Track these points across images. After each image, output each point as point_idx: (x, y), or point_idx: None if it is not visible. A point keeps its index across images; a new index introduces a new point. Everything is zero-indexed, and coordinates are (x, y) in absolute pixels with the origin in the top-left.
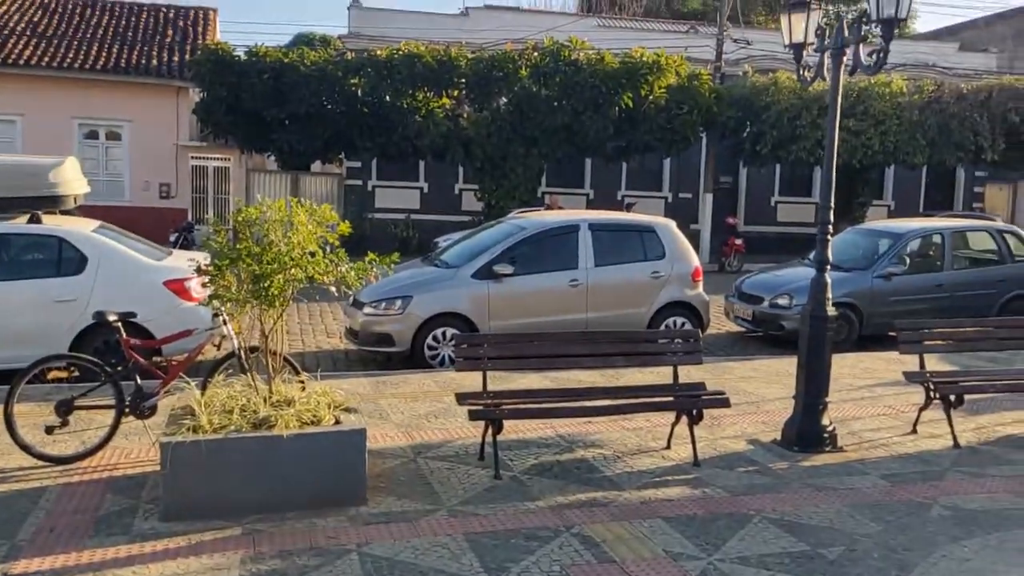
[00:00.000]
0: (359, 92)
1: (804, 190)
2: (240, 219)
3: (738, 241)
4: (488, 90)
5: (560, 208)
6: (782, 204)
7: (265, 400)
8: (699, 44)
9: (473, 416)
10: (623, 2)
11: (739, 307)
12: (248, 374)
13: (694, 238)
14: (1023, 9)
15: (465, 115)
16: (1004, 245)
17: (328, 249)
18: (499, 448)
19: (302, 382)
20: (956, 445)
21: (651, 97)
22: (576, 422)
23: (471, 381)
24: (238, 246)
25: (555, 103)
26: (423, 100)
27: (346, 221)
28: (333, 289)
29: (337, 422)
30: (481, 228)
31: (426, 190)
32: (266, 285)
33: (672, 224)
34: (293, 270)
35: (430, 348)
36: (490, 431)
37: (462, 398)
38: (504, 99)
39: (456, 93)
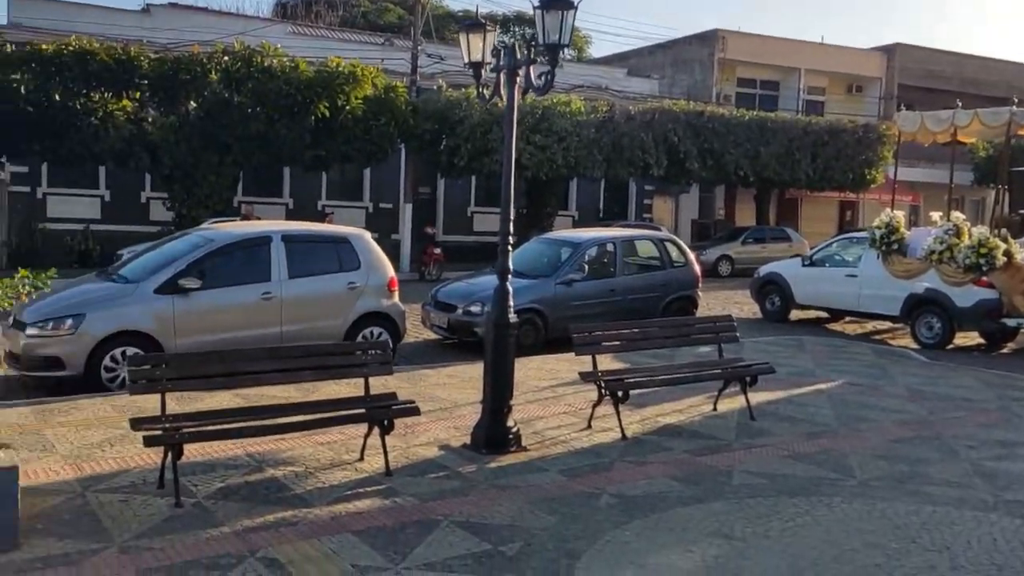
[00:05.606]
0: (21, 89)
1: (498, 201)
2: None
3: (437, 250)
4: (175, 94)
5: (256, 219)
6: (478, 214)
7: None
8: (395, 57)
9: (148, 442)
10: (319, 10)
11: (435, 315)
12: None
13: (394, 248)
14: (678, 41)
15: (150, 119)
16: (665, 253)
17: None
18: (184, 473)
19: None
20: (624, 437)
21: (348, 108)
22: (267, 440)
23: (155, 403)
24: None
25: (248, 110)
26: (100, 101)
27: None
28: None
29: None
30: (166, 240)
31: (107, 198)
32: None
33: (367, 235)
34: None
35: (108, 370)
36: (170, 456)
37: (137, 423)
38: (193, 104)
39: (138, 95)
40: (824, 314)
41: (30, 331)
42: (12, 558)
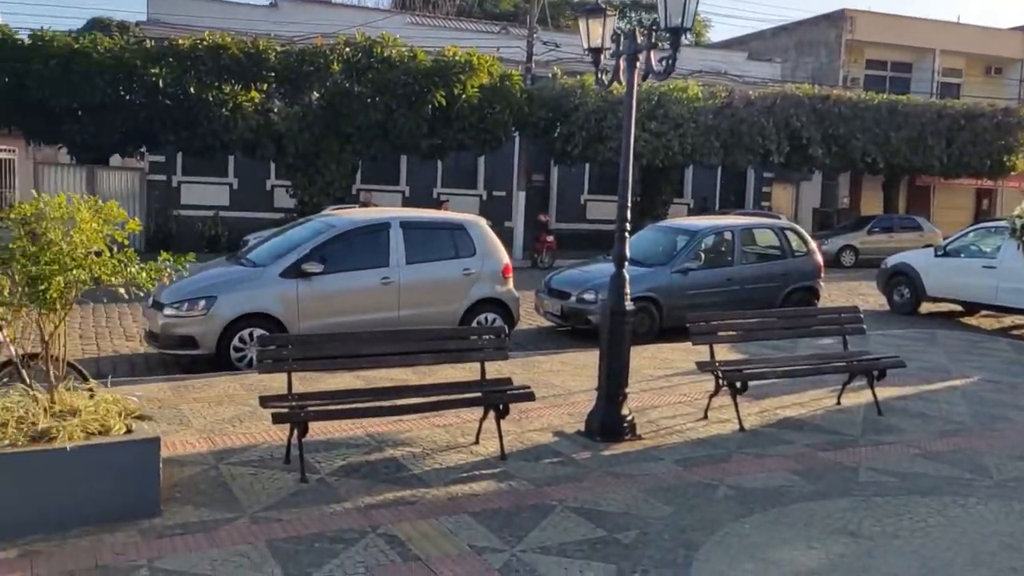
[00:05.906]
0: (160, 83)
1: (612, 189)
2: (13, 216)
3: (550, 238)
4: (299, 84)
5: (374, 205)
6: (591, 202)
7: (46, 411)
8: (510, 45)
9: (277, 419)
10: (437, 0)
11: (548, 302)
12: (27, 383)
13: (507, 235)
14: (803, 22)
15: (276, 110)
16: (786, 241)
17: (116, 248)
18: (307, 450)
19: (90, 389)
20: (741, 428)
21: (464, 96)
22: (386, 421)
23: (280, 383)
24: (11, 245)
25: (368, 100)
26: (230, 93)
27: (135, 218)
28: (122, 291)
29: (129, 431)
30: (289, 226)
31: (236, 186)
32: (44, 287)
33: (482, 221)
34: (75, 271)
35: (236, 350)
36: (295, 434)
37: (266, 401)
38: (316, 94)
39: (265, 87)
40: (957, 307)
41: (167, 312)
42: (154, 523)
